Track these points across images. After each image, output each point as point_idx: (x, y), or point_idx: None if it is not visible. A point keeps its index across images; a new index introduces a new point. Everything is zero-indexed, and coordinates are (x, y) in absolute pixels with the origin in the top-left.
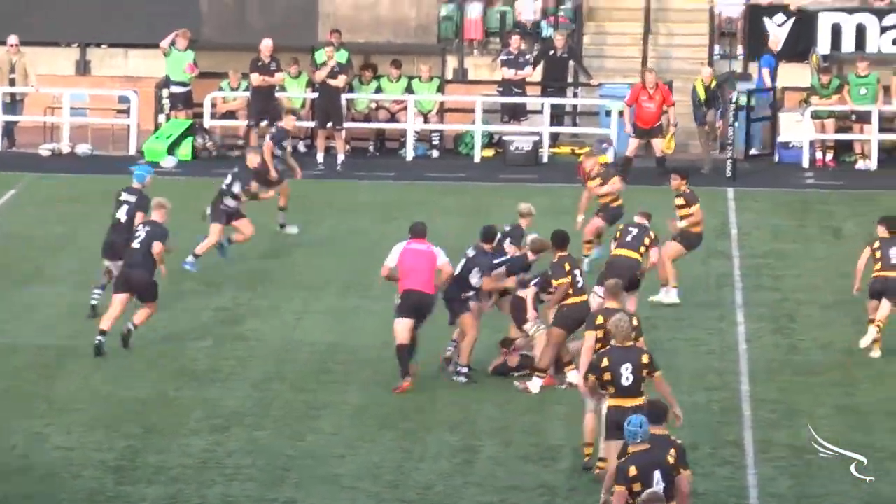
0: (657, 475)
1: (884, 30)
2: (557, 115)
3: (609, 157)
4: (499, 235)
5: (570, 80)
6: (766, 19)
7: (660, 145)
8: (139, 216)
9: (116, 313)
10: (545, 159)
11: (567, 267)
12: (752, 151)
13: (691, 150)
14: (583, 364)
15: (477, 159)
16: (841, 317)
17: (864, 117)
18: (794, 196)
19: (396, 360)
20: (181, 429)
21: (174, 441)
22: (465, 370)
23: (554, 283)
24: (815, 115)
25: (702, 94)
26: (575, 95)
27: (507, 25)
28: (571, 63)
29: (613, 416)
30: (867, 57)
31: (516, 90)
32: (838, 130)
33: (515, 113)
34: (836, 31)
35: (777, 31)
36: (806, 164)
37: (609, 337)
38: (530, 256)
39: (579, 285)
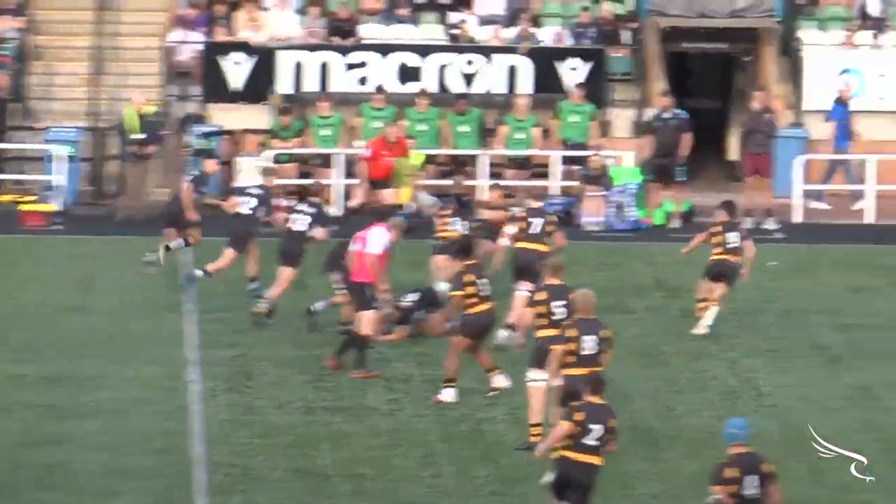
0: None
1: (348, 67)
2: None
3: None
4: None
5: (11, 123)
6: (222, 59)
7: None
8: None
9: None
10: None
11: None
12: None
13: None
14: None
15: None
16: (297, 374)
17: (327, 161)
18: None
19: None
20: None
21: None
22: None
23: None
24: (276, 160)
25: (135, 124)
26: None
27: None
28: (15, 105)
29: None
30: (330, 96)
31: None
32: (300, 175)
33: None
34: (297, 70)
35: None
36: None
37: None
38: None
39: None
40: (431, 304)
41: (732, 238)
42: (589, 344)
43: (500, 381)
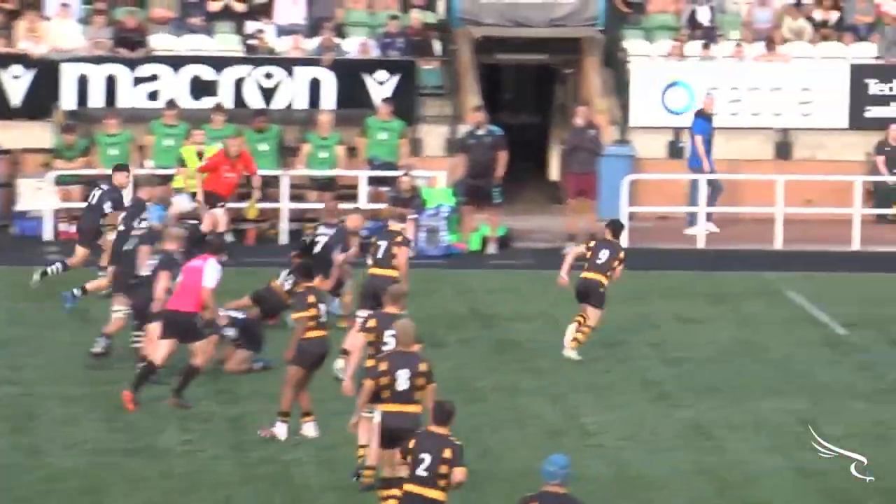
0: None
1: (137, 81)
2: None
3: None
4: None
5: None
6: (0, 72)
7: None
8: None
9: None
10: None
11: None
12: None
13: None
14: None
15: None
16: (85, 412)
17: None
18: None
19: None
20: None
21: None
22: None
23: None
24: (60, 181)
25: None
26: None
27: None
28: None
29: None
30: (118, 112)
31: None
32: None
33: None
34: (82, 84)
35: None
36: (49, 236)
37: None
38: None
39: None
40: (246, 336)
41: (601, 255)
42: (403, 378)
43: (309, 429)
